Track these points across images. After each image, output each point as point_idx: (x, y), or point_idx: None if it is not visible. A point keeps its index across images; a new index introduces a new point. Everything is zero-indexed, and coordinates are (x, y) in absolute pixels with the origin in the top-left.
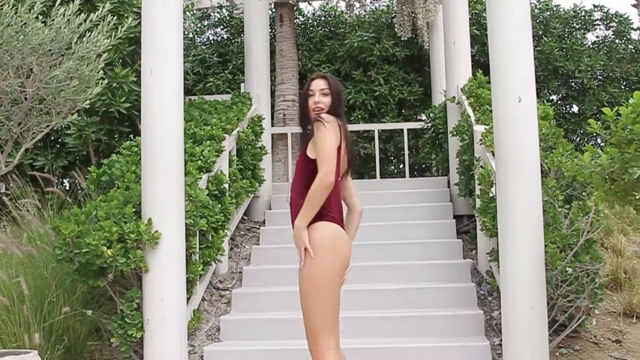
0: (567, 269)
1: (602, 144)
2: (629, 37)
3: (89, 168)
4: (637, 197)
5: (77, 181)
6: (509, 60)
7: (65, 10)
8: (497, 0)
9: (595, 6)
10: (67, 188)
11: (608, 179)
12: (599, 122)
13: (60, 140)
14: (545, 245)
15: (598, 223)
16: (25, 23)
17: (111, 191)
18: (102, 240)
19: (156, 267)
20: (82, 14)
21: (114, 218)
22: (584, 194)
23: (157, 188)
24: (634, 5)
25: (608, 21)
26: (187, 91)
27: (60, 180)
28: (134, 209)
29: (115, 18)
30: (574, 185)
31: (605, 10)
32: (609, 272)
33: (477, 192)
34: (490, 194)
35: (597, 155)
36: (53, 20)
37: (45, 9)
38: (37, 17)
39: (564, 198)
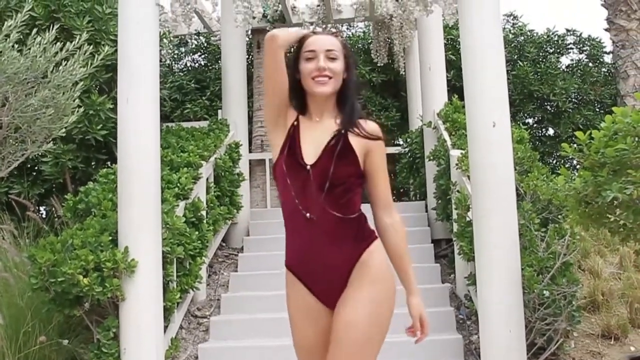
0: (545, 292)
1: (578, 166)
2: (602, 60)
3: (66, 196)
4: (611, 219)
5: (53, 209)
6: (483, 87)
7: (41, 39)
8: (470, 28)
9: (568, 30)
10: (44, 216)
11: (582, 202)
12: (573, 145)
13: (36, 167)
14: (522, 269)
15: (574, 245)
16: (1, 52)
17: (87, 219)
18: (78, 269)
19: (133, 295)
20: (59, 43)
21: (90, 246)
22: (559, 216)
23: (134, 216)
24: (606, 29)
25: (581, 45)
26: (165, 118)
27: (37, 208)
28: (110, 237)
29: (92, 47)
30: (549, 209)
31: (578, 35)
32: (587, 294)
33: (454, 216)
34: (467, 218)
35: (571, 179)
36: (29, 49)
37: (21, 37)
38: (13, 46)
39: (540, 221)
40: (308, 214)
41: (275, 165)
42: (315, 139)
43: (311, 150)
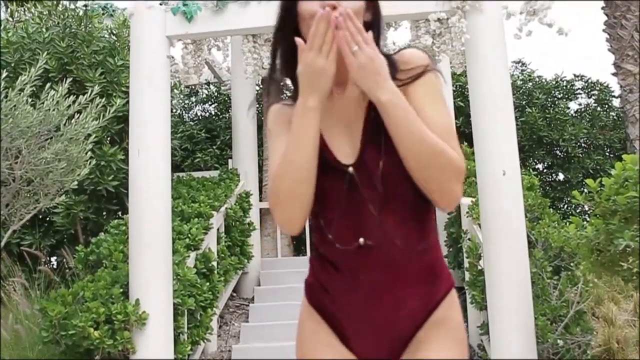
0: (558, 341)
1: (589, 211)
2: (610, 104)
3: (77, 247)
4: (624, 267)
5: (64, 260)
6: (492, 135)
7: (54, 93)
8: (478, 77)
9: (576, 75)
10: (55, 267)
11: (595, 250)
12: (583, 191)
13: (48, 218)
14: (535, 318)
15: (587, 293)
16: (15, 105)
17: (99, 271)
18: (89, 322)
19: (143, 348)
20: (71, 96)
21: (101, 299)
22: (572, 264)
23: (145, 268)
24: (614, 74)
25: (589, 90)
26: (176, 167)
27: (48, 258)
28: (121, 289)
29: (104, 99)
30: (561, 256)
31: (586, 79)
32: (601, 342)
33: (466, 264)
34: (479, 267)
35: (582, 227)
36: (42, 102)
37: (34, 90)
38: (26, 100)
39: (552, 269)
40: (362, 239)
41: None
42: (346, 125)
43: (345, 143)
